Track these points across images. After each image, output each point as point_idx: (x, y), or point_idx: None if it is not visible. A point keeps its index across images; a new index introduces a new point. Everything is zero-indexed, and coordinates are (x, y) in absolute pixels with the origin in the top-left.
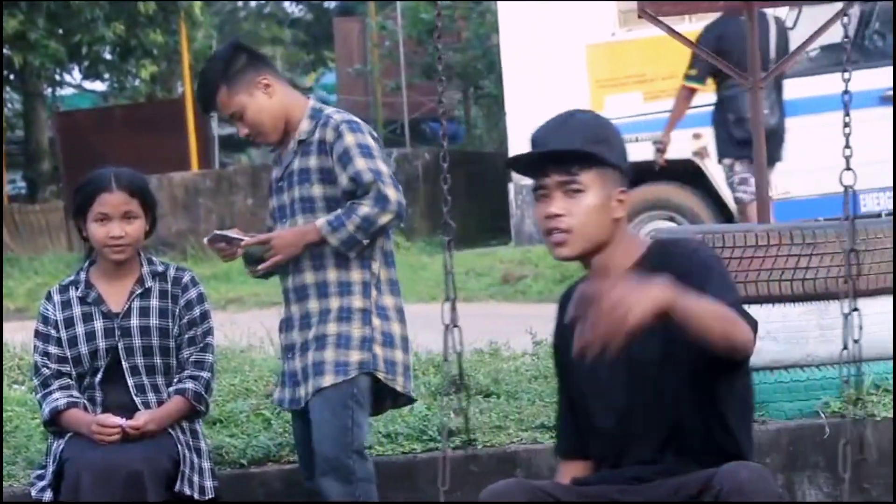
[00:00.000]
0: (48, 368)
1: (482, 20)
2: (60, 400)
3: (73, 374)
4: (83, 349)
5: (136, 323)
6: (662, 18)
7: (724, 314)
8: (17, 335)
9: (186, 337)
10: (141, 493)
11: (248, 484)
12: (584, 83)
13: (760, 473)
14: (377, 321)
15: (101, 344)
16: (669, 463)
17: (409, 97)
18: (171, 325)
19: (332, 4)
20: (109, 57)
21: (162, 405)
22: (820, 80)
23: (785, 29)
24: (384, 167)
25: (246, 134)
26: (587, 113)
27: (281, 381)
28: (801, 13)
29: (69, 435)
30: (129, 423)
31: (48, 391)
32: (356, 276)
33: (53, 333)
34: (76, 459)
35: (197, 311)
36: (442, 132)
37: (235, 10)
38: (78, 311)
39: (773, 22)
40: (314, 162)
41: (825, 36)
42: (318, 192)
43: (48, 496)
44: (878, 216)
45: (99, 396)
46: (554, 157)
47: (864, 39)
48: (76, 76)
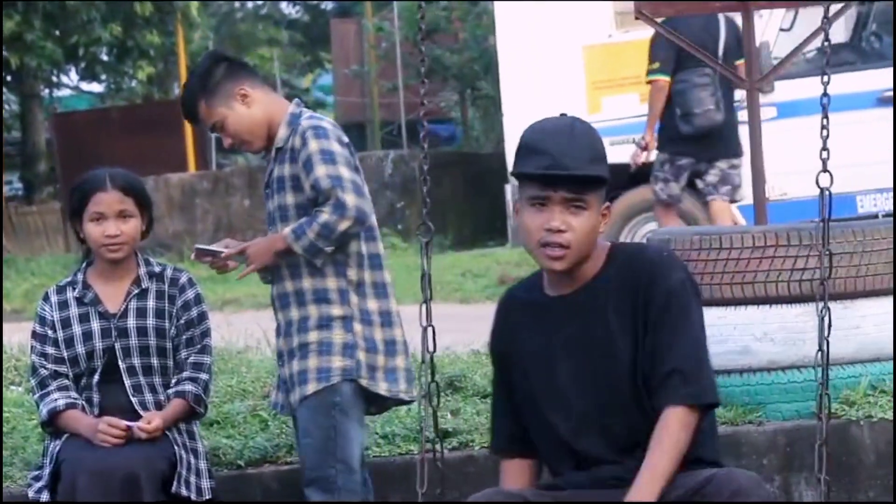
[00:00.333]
0: (45, 369)
1: (479, 21)
2: (59, 401)
3: (70, 374)
4: (80, 349)
5: (132, 323)
6: (658, 19)
7: (673, 459)
8: (13, 336)
9: (184, 338)
10: (137, 494)
11: (245, 485)
12: (580, 84)
13: (756, 478)
14: (359, 327)
15: (97, 344)
16: (639, 461)
17: (405, 98)
18: (167, 325)
19: (328, 5)
20: (106, 58)
21: (160, 406)
22: (816, 81)
23: (736, 28)
24: (346, 173)
25: (230, 144)
26: (584, 124)
27: (276, 384)
28: (797, 14)
29: (66, 436)
30: (140, 424)
31: (46, 392)
32: (331, 283)
33: (50, 334)
34: (73, 461)
35: (194, 311)
36: (423, 134)
37: (232, 11)
38: (75, 311)
39: (723, 21)
40: (288, 170)
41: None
42: (290, 200)
43: (45, 497)
44: (874, 217)
45: (96, 397)
46: (570, 177)
47: (861, 41)
48: (73, 77)
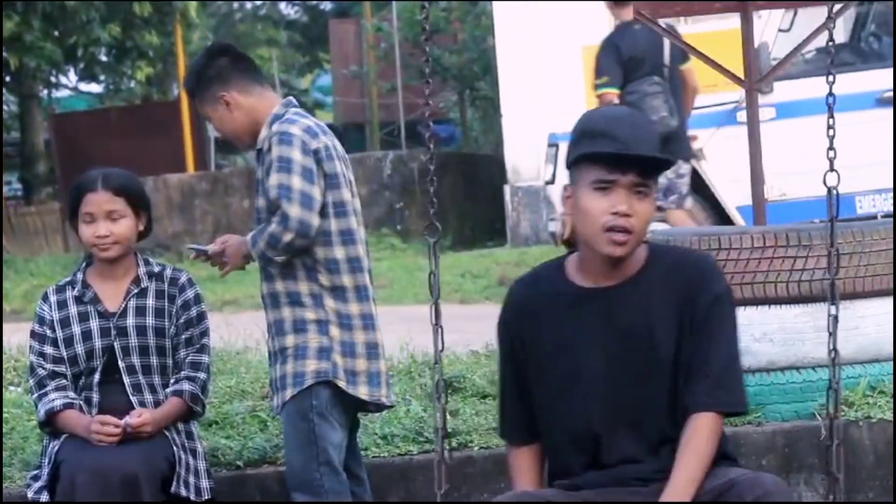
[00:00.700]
0: (44, 369)
1: (478, 22)
2: (56, 401)
3: (68, 374)
4: (79, 349)
5: (132, 322)
6: (658, 20)
7: (706, 465)
8: (12, 337)
9: (183, 338)
10: (136, 494)
11: (243, 486)
12: (579, 85)
13: (780, 482)
14: (336, 331)
15: (97, 343)
16: (662, 462)
17: (404, 99)
18: (167, 324)
19: (327, 6)
20: (105, 59)
21: (159, 405)
22: (815, 82)
23: (679, 36)
24: (297, 183)
25: (218, 136)
26: (640, 114)
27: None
28: (796, 15)
29: (64, 436)
30: (129, 419)
31: (44, 392)
32: (303, 287)
33: (49, 334)
34: (72, 461)
35: (194, 311)
36: (428, 135)
37: (231, 11)
38: (74, 310)
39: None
40: (261, 173)
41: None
42: (262, 203)
43: (44, 497)
44: (874, 218)
45: (95, 397)
46: (640, 160)
47: (859, 41)
48: (72, 78)
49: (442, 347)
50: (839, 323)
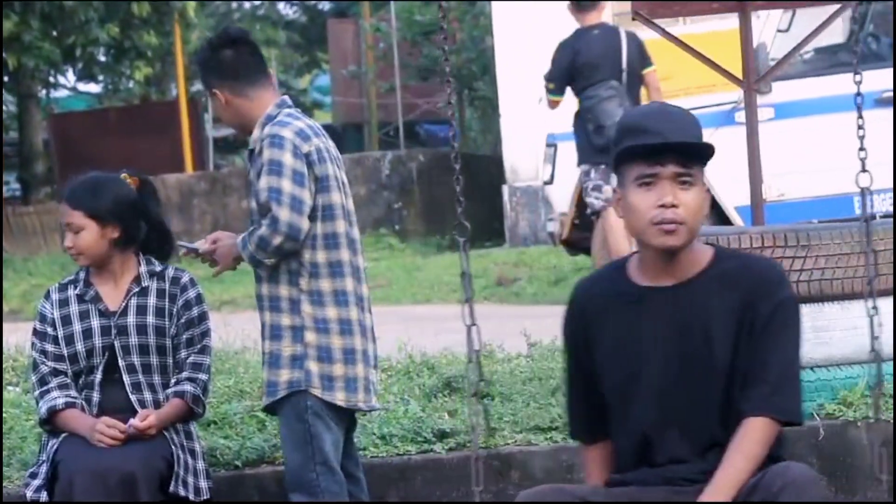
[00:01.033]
0: (45, 366)
1: (476, 22)
2: (59, 399)
3: (69, 372)
4: (80, 347)
5: (132, 321)
6: (656, 20)
7: (751, 468)
8: (11, 337)
9: (185, 338)
10: (134, 494)
11: (242, 485)
12: None
13: (808, 471)
14: (312, 336)
15: (97, 342)
16: (710, 464)
17: (403, 99)
18: (167, 324)
19: (326, 6)
20: (103, 59)
21: (159, 405)
22: (814, 82)
23: (637, 41)
24: (287, 186)
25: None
26: (676, 107)
27: None
28: (795, 15)
29: (64, 435)
30: (134, 421)
31: (46, 389)
32: (284, 291)
33: (50, 331)
34: (70, 461)
35: (195, 311)
36: (451, 132)
37: (229, 11)
38: (75, 308)
39: (623, 33)
40: (253, 174)
41: (819, 38)
42: (254, 204)
43: (43, 497)
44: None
45: (96, 396)
46: (677, 149)
47: (858, 42)
48: (70, 78)
49: (479, 347)
50: (838, 323)
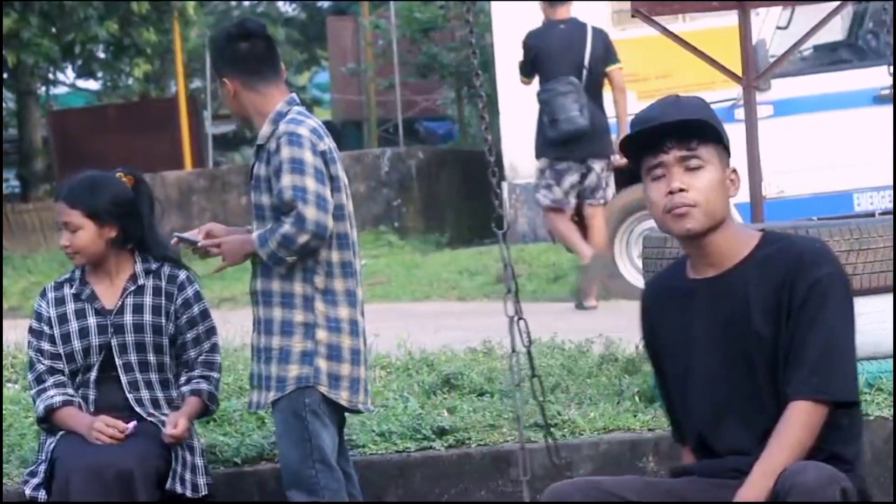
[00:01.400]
0: (42, 365)
1: (476, 20)
2: (56, 397)
3: (66, 370)
4: (76, 345)
5: (129, 320)
6: (656, 18)
7: (791, 455)
8: (10, 334)
9: (190, 337)
10: (131, 491)
11: (241, 483)
12: None
13: (825, 477)
14: (323, 334)
15: (94, 340)
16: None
17: (402, 96)
18: (164, 322)
19: (325, 4)
20: (103, 56)
21: (156, 403)
22: (813, 79)
23: (603, 38)
24: (311, 184)
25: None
26: (692, 97)
27: (249, 383)
28: (794, 12)
29: (61, 433)
30: (168, 430)
31: (43, 388)
32: (298, 288)
33: (47, 330)
34: (67, 458)
35: (196, 309)
36: (484, 126)
37: (229, 9)
38: (71, 307)
39: (591, 30)
40: (263, 170)
41: (818, 35)
42: (266, 200)
43: (42, 495)
44: (871, 215)
45: (92, 394)
46: (674, 130)
47: (857, 39)
48: (69, 75)
49: (530, 341)
50: None
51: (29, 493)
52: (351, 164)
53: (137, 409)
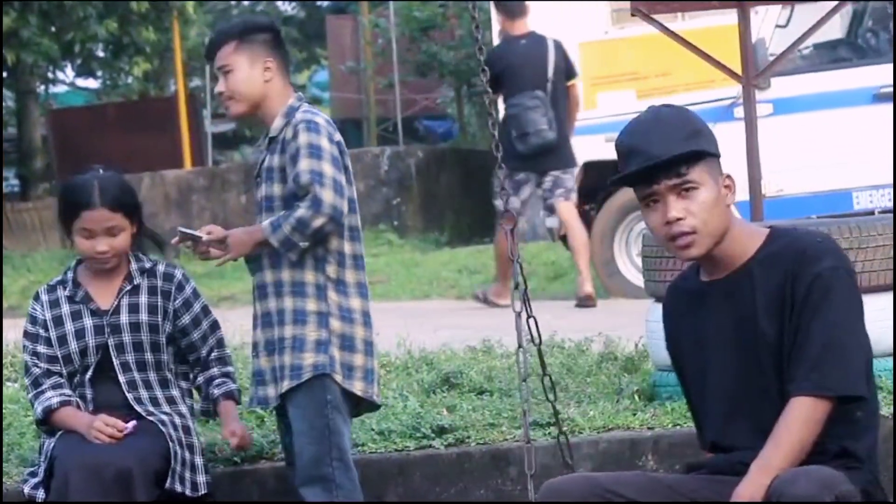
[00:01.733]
0: (38, 368)
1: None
2: (53, 399)
3: (63, 372)
4: (73, 347)
5: (125, 320)
6: (655, 16)
7: (790, 452)
8: (9, 333)
9: (197, 336)
10: (130, 490)
11: (241, 482)
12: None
13: (819, 485)
14: (337, 324)
15: (90, 341)
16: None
17: (401, 95)
18: (161, 320)
19: (324, 2)
20: (102, 54)
21: (155, 401)
22: (812, 77)
23: (563, 52)
24: (328, 169)
25: (218, 92)
26: (670, 108)
27: (252, 380)
28: (793, 11)
29: (60, 433)
30: (237, 443)
31: (40, 390)
32: (310, 277)
33: (42, 333)
34: (66, 456)
35: (197, 307)
36: (491, 122)
37: (228, 8)
38: (67, 309)
39: (551, 44)
40: (278, 160)
41: (817, 34)
42: (277, 191)
43: (41, 495)
44: (871, 214)
45: (90, 394)
46: (661, 165)
47: (857, 38)
48: (69, 74)
49: (540, 341)
50: None
51: (27, 491)
52: (350, 162)
53: (137, 407)
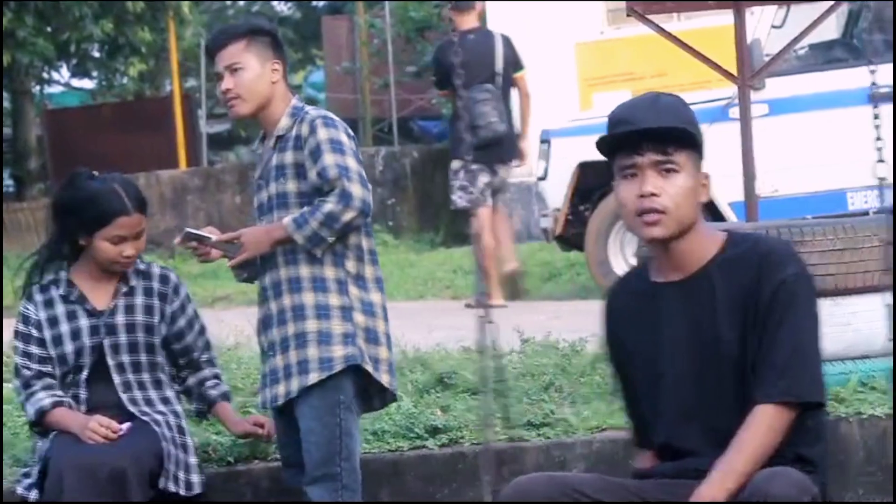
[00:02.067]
0: (29, 370)
1: None
2: (45, 400)
3: (55, 373)
4: (68, 347)
5: (121, 321)
6: (651, 17)
7: (752, 458)
8: (6, 333)
9: (191, 339)
10: (124, 490)
11: (234, 482)
12: (573, 81)
13: (796, 488)
14: (361, 317)
15: (86, 342)
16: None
17: (397, 95)
18: (156, 322)
19: (320, 3)
20: (98, 55)
21: (149, 402)
22: (807, 78)
23: (511, 45)
24: (353, 164)
25: (224, 90)
26: (672, 96)
27: (262, 381)
28: (789, 11)
29: (54, 433)
30: (270, 431)
31: (31, 392)
32: (329, 272)
33: (35, 333)
34: (59, 456)
35: (190, 310)
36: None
37: (223, 8)
38: (61, 309)
39: (499, 38)
40: (290, 157)
41: (813, 34)
42: (292, 187)
43: (34, 495)
44: (865, 214)
45: (84, 394)
46: (651, 135)
47: (852, 38)
48: (64, 74)
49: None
50: (830, 319)
51: (20, 491)
52: None
53: (131, 408)
